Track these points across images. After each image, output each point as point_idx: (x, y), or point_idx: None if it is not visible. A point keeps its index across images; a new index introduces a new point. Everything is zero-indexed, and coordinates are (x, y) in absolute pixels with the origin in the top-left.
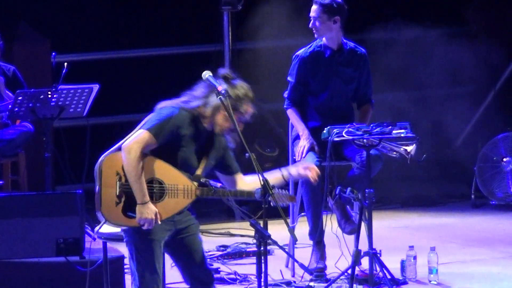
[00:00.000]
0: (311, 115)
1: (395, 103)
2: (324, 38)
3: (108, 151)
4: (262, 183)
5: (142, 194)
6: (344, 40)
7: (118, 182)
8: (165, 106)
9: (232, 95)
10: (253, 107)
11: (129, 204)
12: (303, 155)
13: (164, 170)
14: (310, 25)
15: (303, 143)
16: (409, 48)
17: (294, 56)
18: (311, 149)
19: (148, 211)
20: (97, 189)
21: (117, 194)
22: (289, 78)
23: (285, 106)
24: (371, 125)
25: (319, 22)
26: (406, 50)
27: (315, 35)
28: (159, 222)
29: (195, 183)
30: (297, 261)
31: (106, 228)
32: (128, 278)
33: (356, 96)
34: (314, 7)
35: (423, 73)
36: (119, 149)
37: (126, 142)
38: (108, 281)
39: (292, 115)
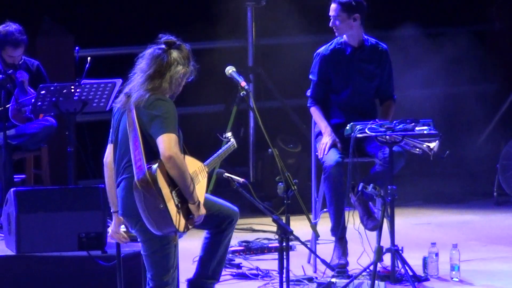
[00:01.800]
0: (334, 113)
1: (418, 100)
2: (344, 36)
3: (142, 167)
4: (285, 178)
5: (194, 194)
6: (365, 37)
7: (173, 192)
8: (159, 102)
9: (184, 58)
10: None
11: (186, 208)
12: (325, 152)
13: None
14: (330, 24)
15: (326, 139)
16: (432, 46)
17: (315, 54)
18: (333, 145)
19: (201, 207)
20: (161, 206)
21: (176, 204)
22: (311, 77)
23: (308, 105)
24: (394, 121)
25: (338, 21)
26: (429, 48)
27: (336, 34)
28: None
29: (200, 162)
30: (319, 257)
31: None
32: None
33: (378, 92)
34: (333, 6)
35: (446, 71)
36: (151, 160)
37: (166, 150)
38: (122, 281)
39: (315, 113)
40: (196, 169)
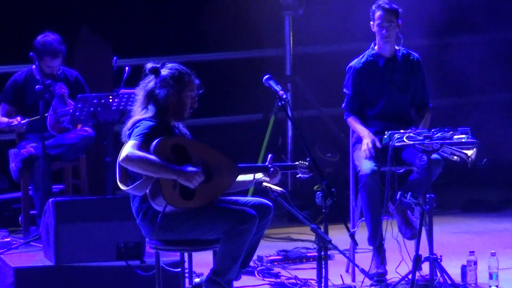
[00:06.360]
0: (371, 124)
1: (455, 108)
2: (376, 47)
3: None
4: (323, 187)
5: (173, 170)
6: (396, 47)
7: None
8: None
9: (177, 79)
10: (194, 77)
11: (185, 188)
12: (372, 154)
13: (204, 151)
14: (385, 32)
15: (366, 140)
16: (468, 53)
17: (347, 68)
18: (373, 145)
19: (190, 175)
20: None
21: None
22: (345, 90)
23: (344, 117)
24: (432, 130)
25: (393, 29)
26: (465, 55)
27: (386, 43)
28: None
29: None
30: (357, 266)
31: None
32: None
33: (413, 101)
34: (383, 14)
35: (483, 78)
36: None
37: (119, 157)
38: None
39: (352, 122)
40: (221, 163)
